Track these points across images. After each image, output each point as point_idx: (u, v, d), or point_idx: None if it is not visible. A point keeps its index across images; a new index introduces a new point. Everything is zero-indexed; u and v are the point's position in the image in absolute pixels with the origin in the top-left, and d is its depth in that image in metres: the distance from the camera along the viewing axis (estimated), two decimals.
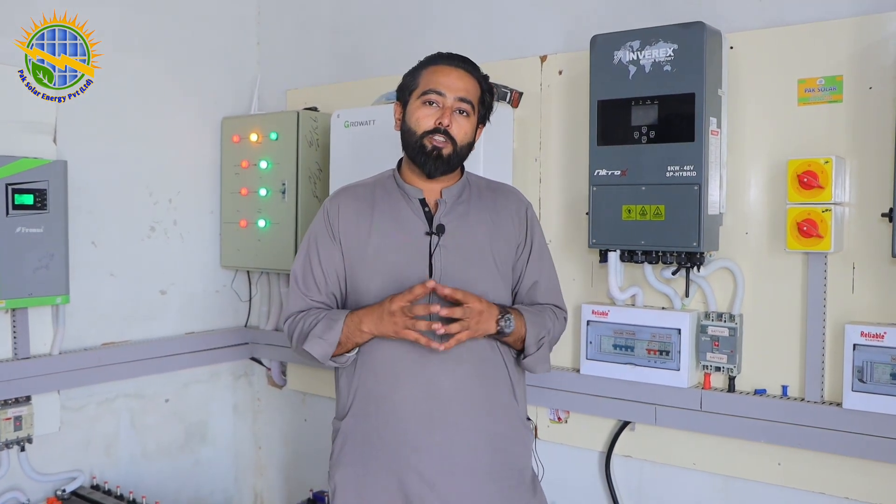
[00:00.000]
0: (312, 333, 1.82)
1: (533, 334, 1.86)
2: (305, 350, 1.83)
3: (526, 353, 1.88)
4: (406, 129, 1.86)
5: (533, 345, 1.87)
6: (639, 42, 2.28)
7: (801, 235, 2.15)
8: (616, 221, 2.34)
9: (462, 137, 1.84)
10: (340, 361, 1.85)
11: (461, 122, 1.83)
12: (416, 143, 1.83)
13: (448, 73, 1.84)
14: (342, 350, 1.83)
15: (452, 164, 1.85)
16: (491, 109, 1.95)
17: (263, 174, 3.17)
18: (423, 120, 1.82)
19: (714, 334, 2.33)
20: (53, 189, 2.66)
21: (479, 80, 1.89)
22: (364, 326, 1.78)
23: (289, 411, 3.53)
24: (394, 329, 1.73)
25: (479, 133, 1.93)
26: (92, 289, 2.95)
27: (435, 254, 1.83)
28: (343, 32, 3.27)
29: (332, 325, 1.81)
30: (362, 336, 1.80)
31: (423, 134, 1.82)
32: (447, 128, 1.81)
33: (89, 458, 3.00)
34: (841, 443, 2.14)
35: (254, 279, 3.50)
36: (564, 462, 2.68)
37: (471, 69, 1.88)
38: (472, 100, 1.85)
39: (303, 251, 1.93)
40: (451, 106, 1.82)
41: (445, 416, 1.81)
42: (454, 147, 1.83)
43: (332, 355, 1.83)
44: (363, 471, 1.85)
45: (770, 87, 2.29)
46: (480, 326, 1.76)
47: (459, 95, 1.83)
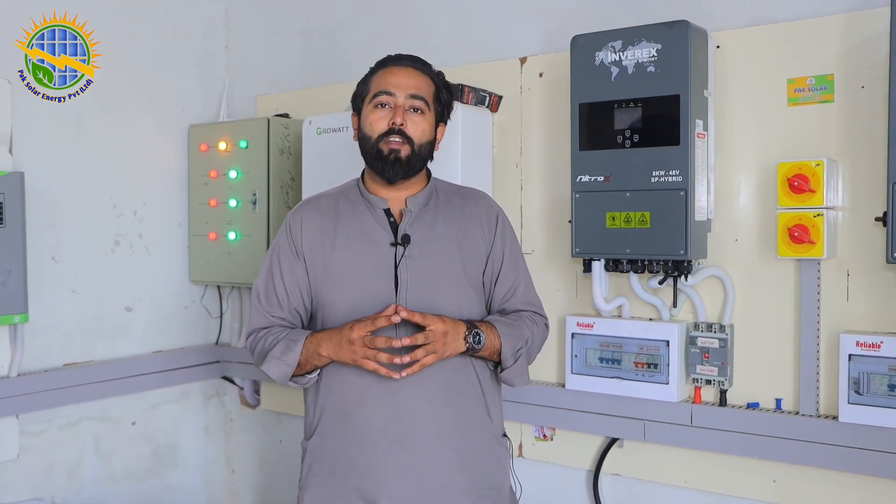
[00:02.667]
0: (271, 354, 1.81)
1: (509, 346, 1.83)
2: (263, 371, 1.82)
3: (503, 365, 1.85)
4: (362, 136, 1.86)
5: (510, 357, 1.83)
6: (621, 42, 2.25)
7: (792, 241, 2.12)
8: (600, 229, 2.31)
9: (419, 136, 1.82)
10: (301, 382, 1.85)
11: (416, 120, 1.82)
12: (372, 149, 1.82)
13: (397, 72, 1.84)
14: (302, 371, 1.82)
15: (413, 166, 1.83)
16: (450, 107, 1.94)
17: (233, 184, 3.13)
18: (376, 123, 1.82)
19: (704, 346, 2.29)
20: (9, 201, 2.61)
21: (432, 77, 1.89)
22: (322, 350, 1.77)
23: (263, 432, 3.48)
24: (352, 357, 1.73)
25: (440, 133, 1.92)
26: (52, 306, 2.89)
27: (400, 265, 1.81)
28: (315, 35, 3.24)
29: (292, 347, 1.79)
30: (321, 360, 1.80)
31: (379, 138, 1.81)
32: (402, 127, 1.80)
33: (51, 485, 2.92)
34: (837, 458, 2.11)
35: (224, 294, 3.45)
36: (551, 481, 2.65)
37: (421, 66, 1.88)
38: (425, 96, 1.84)
39: (265, 266, 1.92)
40: (402, 104, 1.81)
41: (414, 435, 1.79)
42: (412, 147, 1.81)
43: (293, 376, 1.82)
44: (331, 493, 1.83)
45: (758, 88, 2.27)
46: (448, 348, 1.74)
47: (410, 93, 1.82)
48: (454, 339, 1.74)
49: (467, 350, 1.77)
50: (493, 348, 1.81)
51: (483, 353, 1.81)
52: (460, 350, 1.76)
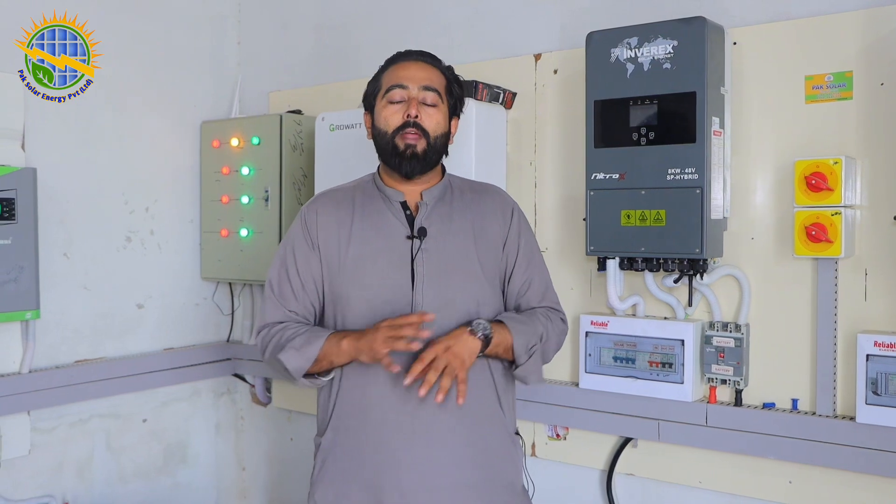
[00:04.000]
0: (290, 345, 1.79)
1: (521, 342, 1.81)
2: (280, 360, 1.79)
3: (517, 362, 1.83)
4: (377, 133, 1.85)
5: (523, 353, 1.81)
6: (637, 39, 2.24)
7: (809, 240, 2.10)
8: (615, 227, 2.29)
9: (434, 128, 1.82)
10: (315, 382, 1.83)
11: (430, 113, 1.82)
12: (388, 145, 1.82)
13: (407, 66, 1.85)
14: (315, 370, 1.80)
15: (429, 159, 1.83)
16: (462, 101, 1.93)
17: (245, 181, 3.12)
18: (390, 118, 1.81)
19: (719, 345, 2.28)
20: (22, 198, 2.60)
21: (442, 71, 1.89)
22: (344, 343, 1.75)
23: (274, 430, 3.47)
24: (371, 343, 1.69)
25: (454, 127, 1.91)
26: (64, 303, 2.87)
27: (417, 258, 1.80)
28: (328, 31, 3.23)
29: (313, 341, 1.78)
30: (339, 353, 1.76)
31: (395, 132, 1.80)
32: (416, 119, 1.80)
33: (62, 482, 2.91)
34: (854, 459, 2.10)
35: (236, 291, 3.44)
36: (564, 481, 2.63)
37: (431, 60, 1.88)
38: (438, 88, 1.84)
39: (278, 259, 1.91)
40: (416, 97, 1.81)
41: (429, 430, 1.78)
42: (428, 140, 1.81)
43: (307, 374, 1.80)
44: (344, 488, 1.82)
45: (776, 85, 2.25)
46: (463, 352, 1.72)
47: (423, 84, 1.82)
48: (461, 342, 1.72)
49: (483, 343, 1.75)
50: (506, 344, 1.79)
51: (497, 349, 1.79)
52: (476, 347, 1.74)
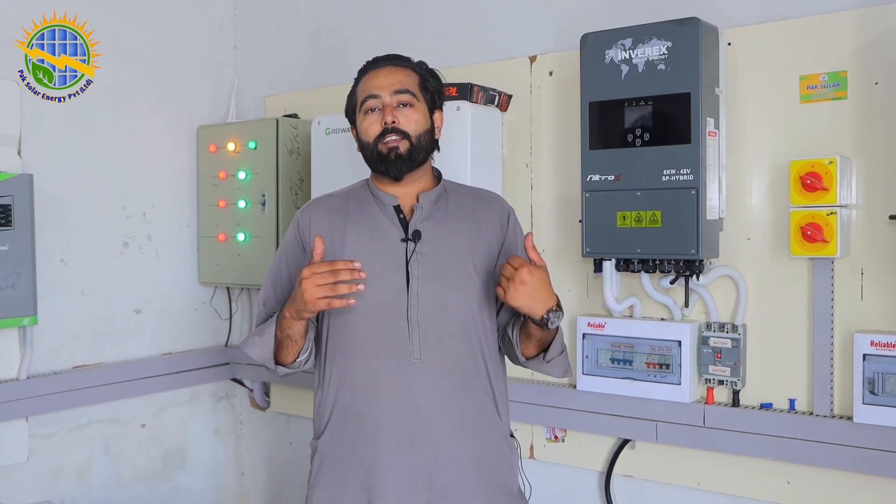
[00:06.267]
0: (252, 335, 1.84)
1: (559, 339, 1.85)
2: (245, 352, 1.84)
3: (549, 355, 1.84)
4: (362, 145, 1.88)
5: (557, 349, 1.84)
6: (631, 40, 2.23)
7: (805, 240, 2.10)
8: (611, 229, 2.29)
9: (414, 128, 1.83)
10: (293, 367, 1.85)
11: (407, 114, 1.83)
12: (373, 154, 1.84)
13: (376, 75, 1.86)
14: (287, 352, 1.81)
15: (415, 157, 1.83)
16: (440, 93, 1.93)
17: (242, 185, 3.12)
18: (369, 128, 1.84)
19: (716, 346, 2.27)
20: (18, 204, 2.60)
21: (413, 68, 1.90)
22: (285, 310, 1.75)
23: (273, 434, 3.46)
24: (302, 295, 1.65)
25: (438, 119, 1.92)
26: (61, 309, 2.87)
27: (411, 261, 1.81)
28: (324, 35, 3.23)
29: (270, 324, 1.81)
30: (287, 324, 1.76)
31: (376, 141, 1.83)
32: (394, 125, 1.81)
33: (60, 488, 2.90)
34: (852, 459, 2.09)
35: (234, 296, 3.45)
36: (562, 483, 2.63)
37: (399, 62, 1.89)
38: (410, 89, 1.85)
39: (273, 266, 1.93)
40: (389, 103, 1.83)
41: (427, 432, 1.78)
42: (410, 141, 1.82)
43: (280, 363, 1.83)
44: (340, 491, 1.82)
45: (770, 85, 2.24)
46: (546, 285, 1.70)
47: (394, 89, 1.83)
48: (546, 295, 1.69)
49: (541, 321, 1.71)
50: (550, 337, 1.81)
51: (544, 334, 1.78)
52: (550, 302, 1.70)
